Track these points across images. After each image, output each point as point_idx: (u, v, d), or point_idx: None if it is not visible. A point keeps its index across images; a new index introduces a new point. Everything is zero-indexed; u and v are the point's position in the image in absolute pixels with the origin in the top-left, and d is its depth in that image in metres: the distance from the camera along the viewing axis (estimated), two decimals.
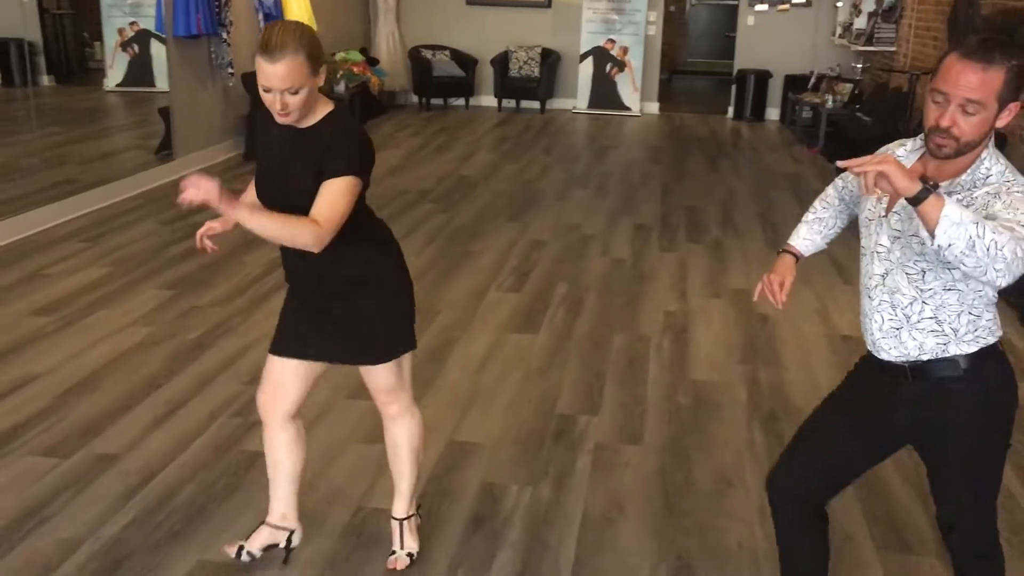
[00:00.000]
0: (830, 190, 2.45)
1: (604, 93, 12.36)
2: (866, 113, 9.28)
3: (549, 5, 12.43)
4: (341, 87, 10.18)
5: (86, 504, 3.12)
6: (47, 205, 6.62)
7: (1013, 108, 1.93)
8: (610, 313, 5.05)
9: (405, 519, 2.87)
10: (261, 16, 9.20)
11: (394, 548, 2.87)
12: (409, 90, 12.47)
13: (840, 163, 1.89)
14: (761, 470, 3.47)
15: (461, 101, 12.55)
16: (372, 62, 11.51)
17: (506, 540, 2.99)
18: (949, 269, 2.01)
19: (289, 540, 2.85)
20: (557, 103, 12.53)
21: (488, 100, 12.59)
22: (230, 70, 8.40)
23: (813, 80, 11.27)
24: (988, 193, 1.96)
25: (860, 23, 10.66)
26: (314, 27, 9.90)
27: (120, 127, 10.53)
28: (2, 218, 6.15)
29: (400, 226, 6.66)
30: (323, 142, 2.42)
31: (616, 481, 3.38)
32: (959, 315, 2.05)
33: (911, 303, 2.08)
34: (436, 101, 12.52)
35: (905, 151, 2.14)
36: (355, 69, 10.70)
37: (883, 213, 2.10)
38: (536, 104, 12.36)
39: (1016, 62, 1.87)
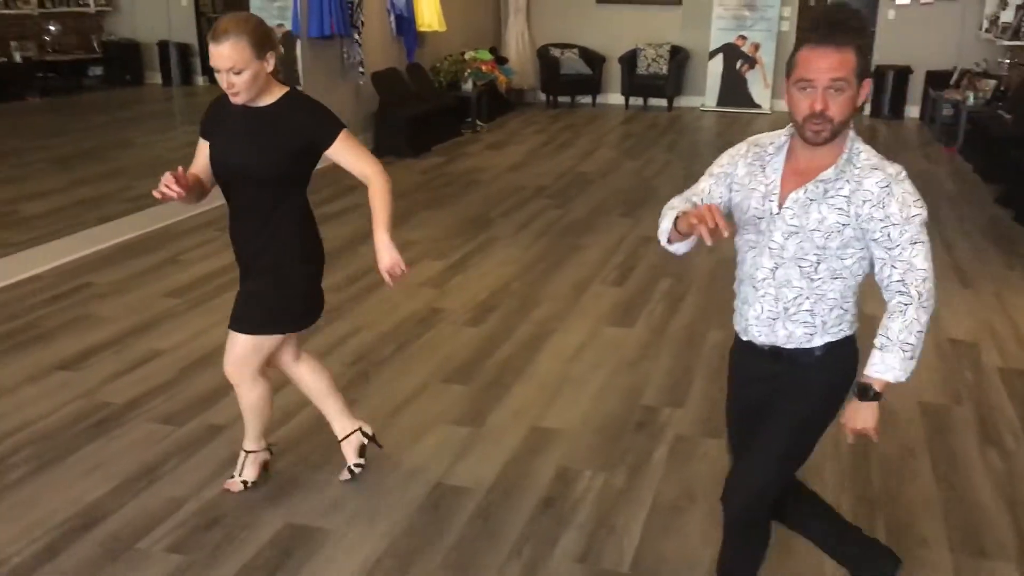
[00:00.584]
0: (691, 199, 2.29)
1: (734, 90, 12.20)
2: (1008, 110, 8.84)
3: (679, 2, 12.36)
4: (469, 85, 10.44)
5: (193, 468, 3.41)
6: None
7: (867, 84, 2.06)
8: (709, 310, 5.05)
9: (251, 452, 3.25)
10: (393, 18, 9.57)
11: (234, 473, 3.26)
12: (537, 88, 12.65)
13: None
14: (841, 468, 3.45)
15: (588, 99, 12.64)
16: (501, 61, 11.74)
17: (573, 521, 3.09)
18: (840, 258, 2.13)
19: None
20: (685, 100, 12.45)
21: (615, 98, 12.62)
22: (360, 69, 8.77)
23: (956, 76, 10.79)
24: (879, 185, 2.07)
25: (1007, 16, 10.14)
26: (443, 28, 10.24)
27: None
28: (147, 207, 6.66)
29: (513, 221, 6.83)
30: (294, 118, 2.78)
31: (691, 472, 3.43)
32: (832, 309, 2.19)
33: (796, 297, 2.19)
34: (563, 99, 12.65)
35: (774, 148, 2.20)
36: (483, 68, 10.94)
37: (775, 211, 2.15)
38: (663, 102, 12.31)
39: (859, 42, 2.02)
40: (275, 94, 2.81)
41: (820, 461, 3.50)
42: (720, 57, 12.18)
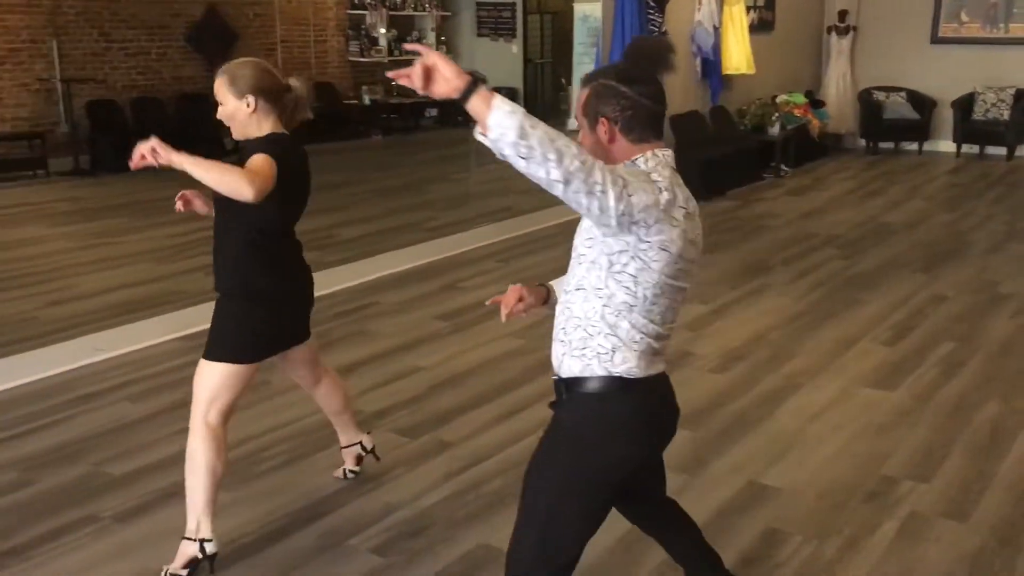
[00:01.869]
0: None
1: None
2: None
3: None
4: (776, 129, 10.14)
5: (414, 479, 3.64)
6: (483, 227, 7.58)
7: (604, 123, 2.09)
8: (992, 380, 4.52)
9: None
10: (699, 61, 9.59)
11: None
12: (856, 133, 12.00)
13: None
14: None
15: (914, 145, 11.78)
16: (816, 104, 11.30)
17: None
18: (589, 270, 2.06)
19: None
20: None
21: (946, 145, 11.65)
22: None
23: None
24: None
25: None
26: (751, 70, 10.06)
27: None
28: (441, 237, 7.20)
29: (791, 270, 6.54)
30: (244, 152, 2.88)
31: (917, 555, 3.10)
32: (576, 327, 2.10)
33: (561, 312, 2.18)
34: (885, 145, 11.90)
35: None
36: (796, 112, 10.59)
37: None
38: (1003, 150, 11.17)
39: (600, 82, 2.10)
40: (259, 135, 2.91)
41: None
42: None
